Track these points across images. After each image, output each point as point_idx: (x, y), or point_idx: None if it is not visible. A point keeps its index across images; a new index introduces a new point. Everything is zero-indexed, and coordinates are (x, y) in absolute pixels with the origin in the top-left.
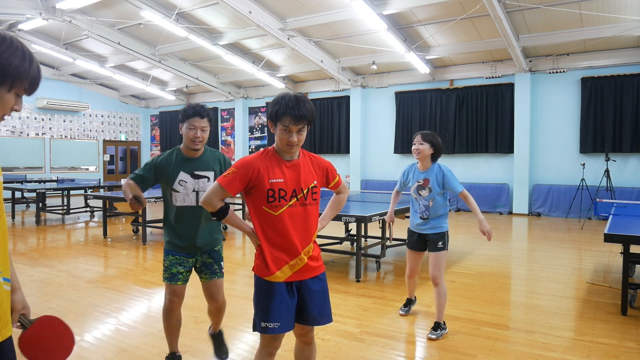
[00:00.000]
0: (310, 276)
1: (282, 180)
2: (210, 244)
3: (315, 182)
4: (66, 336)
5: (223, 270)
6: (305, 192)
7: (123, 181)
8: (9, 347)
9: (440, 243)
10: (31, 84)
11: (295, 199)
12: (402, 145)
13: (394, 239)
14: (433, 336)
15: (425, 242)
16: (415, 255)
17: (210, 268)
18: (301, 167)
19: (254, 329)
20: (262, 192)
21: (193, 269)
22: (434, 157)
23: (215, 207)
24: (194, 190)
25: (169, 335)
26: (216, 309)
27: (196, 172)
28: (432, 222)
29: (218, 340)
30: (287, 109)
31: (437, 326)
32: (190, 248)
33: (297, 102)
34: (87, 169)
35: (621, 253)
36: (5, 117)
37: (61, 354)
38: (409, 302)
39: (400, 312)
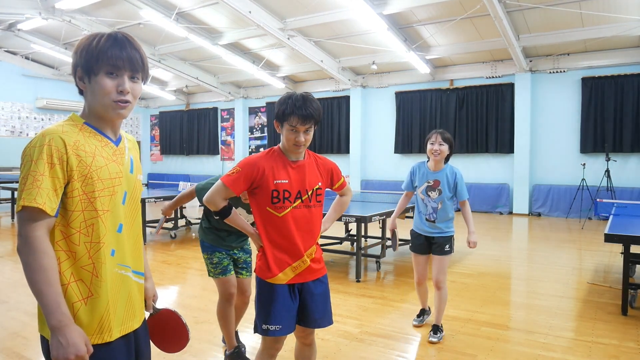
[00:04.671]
0: (313, 278)
1: (287, 181)
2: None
3: (319, 183)
4: (182, 333)
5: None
6: (309, 193)
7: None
8: (145, 332)
9: (447, 246)
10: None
11: (299, 201)
12: (403, 145)
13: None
14: (434, 339)
15: (431, 244)
16: (422, 259)
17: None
18: (306, 169)
19: (255, 331)
20: (266, 193)
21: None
22: (447, 158)
23: (219, 207)
24: None
25: (231, 330)
26: (244, 302)
27: None
28: (440, 225)
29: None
30: (294, 109)
31: (437, 329)
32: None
33: (304, 102)
34: None
35: (621, 253)
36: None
37: (175, 347)
38: (423, 313)
39: (414, 322)
